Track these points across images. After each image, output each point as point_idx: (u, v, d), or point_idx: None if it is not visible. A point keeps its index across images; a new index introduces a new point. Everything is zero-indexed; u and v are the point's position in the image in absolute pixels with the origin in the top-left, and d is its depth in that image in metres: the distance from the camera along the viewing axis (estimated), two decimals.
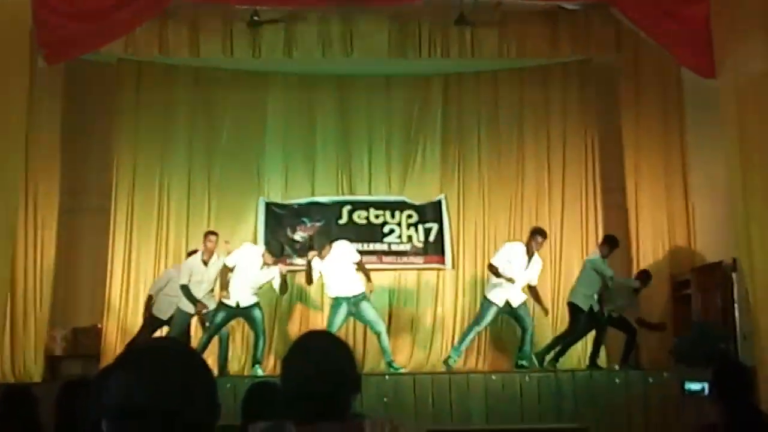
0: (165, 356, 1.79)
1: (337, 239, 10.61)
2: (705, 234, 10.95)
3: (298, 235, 11.79)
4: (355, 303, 10.21)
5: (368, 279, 10.27)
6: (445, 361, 10.58)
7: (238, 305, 10.12)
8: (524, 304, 10.62)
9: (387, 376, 9.72)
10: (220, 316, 10.09)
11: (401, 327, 11.74)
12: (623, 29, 10.65)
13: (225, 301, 10.08)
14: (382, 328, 10.38)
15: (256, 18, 10.41)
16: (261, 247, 10.54)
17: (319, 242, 10.63)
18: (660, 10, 9.46)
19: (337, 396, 2.59)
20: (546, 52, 11.24)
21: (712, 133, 10.05)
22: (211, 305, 10.28)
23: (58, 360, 10.90)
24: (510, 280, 10.26)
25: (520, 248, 10.57)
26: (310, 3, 10.30)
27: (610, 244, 10.68)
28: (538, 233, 10.58)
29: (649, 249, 11.23)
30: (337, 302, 10.25)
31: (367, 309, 10.27)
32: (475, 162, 12.23)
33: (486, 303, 10.58)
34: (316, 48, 10.85)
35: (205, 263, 10.33)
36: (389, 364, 10.27)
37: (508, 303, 10.49)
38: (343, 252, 10.31)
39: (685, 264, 11.01)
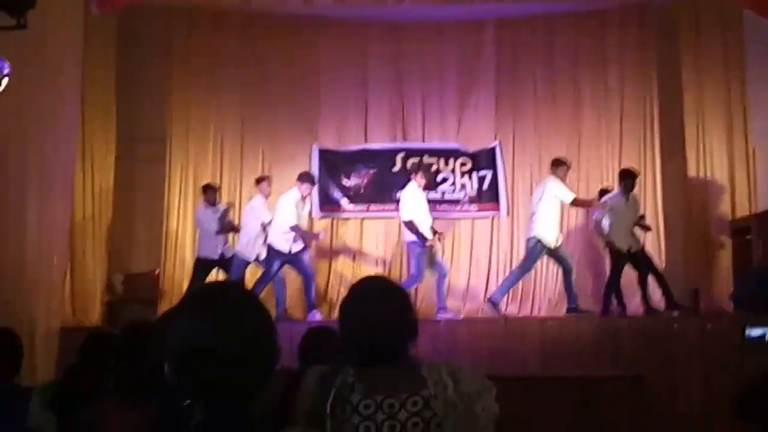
0: (227, 300, 1.80)
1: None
2: (766, 179, 10.73)
3: (352, 182, 11.78)
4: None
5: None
6: (490, 299, 10.47)
7: (290, 251, 10.16)
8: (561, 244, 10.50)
9: (441, 322, 9.71)
10: (275, 262, 10.15)
11: (457, 275, 11.71)
12: None
13: (277, 247, 10.13)
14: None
15: None
16: (293, 191, 10.48)
17: (373, 191, 10.69)
18: None
19: (394, 341, 2.58)
20: None
21: None
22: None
23: (116, 305, 11.07)
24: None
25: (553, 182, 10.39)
26: None
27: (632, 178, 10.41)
28: (560, 163, 10.42)
29: (708, 194, 11.04)
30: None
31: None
32: (530, 108, 12.06)
33: (533, 242, 10.34)
34: None
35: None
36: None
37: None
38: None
39: (747, 209, 10.81)
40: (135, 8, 10.70)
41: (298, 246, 10.19)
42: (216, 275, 10.60)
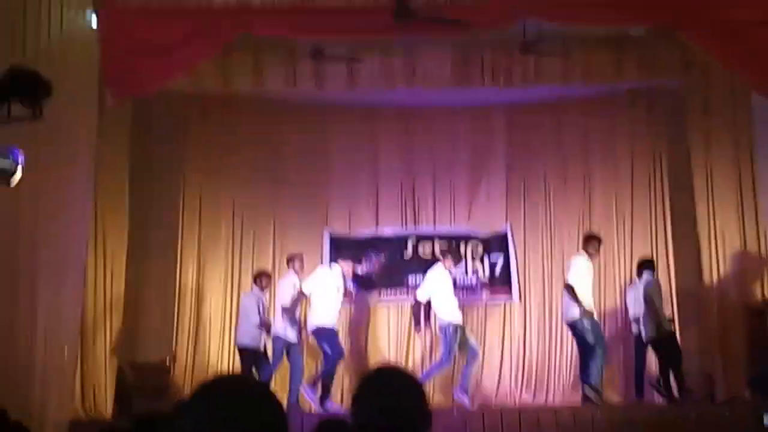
0: (238, 391, 1.79)
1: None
2: None
3: (363, 269, 11.75)
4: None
5: None
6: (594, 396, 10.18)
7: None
8: None
9: (455, 411, 9.59)
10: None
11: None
12: (690, 52, 10.49)
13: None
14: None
15: (318, 48, 10.47)
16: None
17: (384, 276, 10.76)
18: (728, 33, 9.29)
19: (408, 430, 2.53)
20: (611, 78, 11.11)
21: None
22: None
23: (126, 396, 10.95)
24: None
25: (585, 260, 10.43)
26: (373, 34, 10.25)
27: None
28: (593, 239, 10.52)
29: (722, 277, 10.96)
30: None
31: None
32: (541, 192, 12.11)
33: (581, 323, 10.20)
34: (378, 79, 10.87)
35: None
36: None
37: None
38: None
39: (760, 292, 10.73)
40: (149, 97, 10.83)
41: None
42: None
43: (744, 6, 9.26)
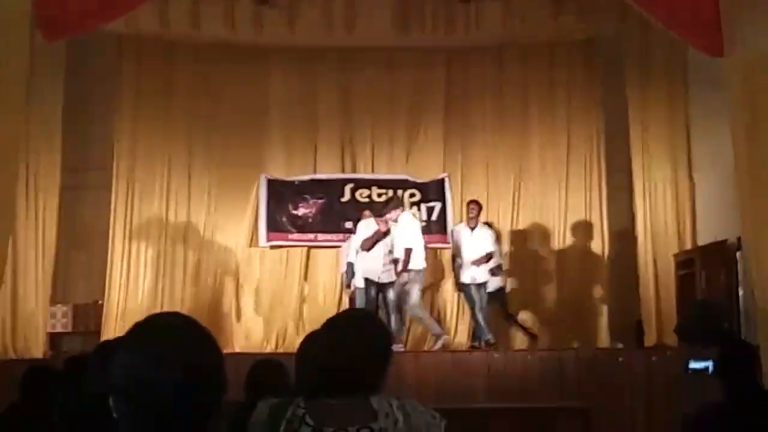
0: (172, 331, 1.77)
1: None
2: (710, 213, 10.88)
3: (300, 211, 11.74)
4: None
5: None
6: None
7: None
8: None
9: None
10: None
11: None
12: (628, 4, 10.54)
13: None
14: None
15: None
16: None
17: (320, 219, 10.73)
18: None
19: (354, 368, 2.55)
20: (550, 29, 11.15)
21: (717, 110, 9.98)
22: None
23: (58, 336, 10.88)
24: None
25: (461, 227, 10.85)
26: None
27: None
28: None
29: (653, 228, 11.17)
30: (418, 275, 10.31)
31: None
32: (479, 140, 12.16)
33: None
34: (318, 23, 10.77)
35: None
36: None
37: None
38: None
39: (690, 244, 10.97)
40: (84, 37, 10.58)
41: None
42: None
43: None
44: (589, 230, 11.73)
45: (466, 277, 10.65)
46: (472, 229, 10.78)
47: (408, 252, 10.06)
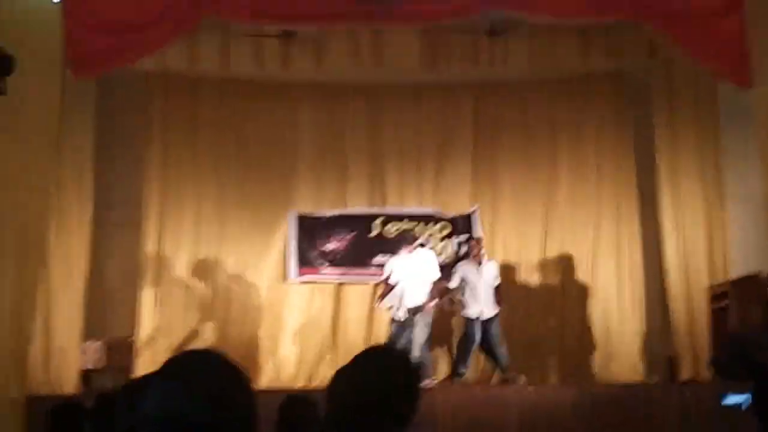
0: (205, 367, 1.77)
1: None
2: (743, 245, 10.79)
3: (330, 246, 11.74)
4: None
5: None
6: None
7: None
8: None
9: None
10: None
11: (435, 340, 11.63)
12: (656, 39, 10.56)
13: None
14: None
15: (286, 30, 10.42)
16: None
17: (351, 255, 10.77)
18: (693, 23, 9.36)
19: (384, 406, 2.52)
20: (577, 64, 11.16)
21: (748, 142, 9.93)
22: None
23: (90, 373, 10.90)
24: None
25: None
26: (339, 22, 10.22)
27: None
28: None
29: (685, 261, 11.07)
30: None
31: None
32: (507, 173, 12.12)
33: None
34: (345, 59, 10.85)
35: None
36: None
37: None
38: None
39: (723, 276, 10.85)
40: (113, 74, 10.71)
41: None
42: None
43: None
44: (621, 263, 11.62)
45: (473, 312, 10.57)
46: (479, 264, 10.75)
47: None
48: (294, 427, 3.82)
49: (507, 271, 11.75)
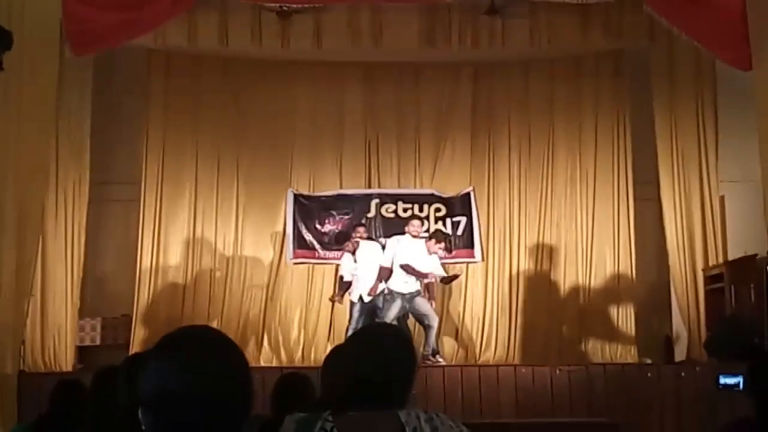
0: (201, 344, 1.78)
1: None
2: (739, 226, 10.81)
3: (326, 228, 11.74)
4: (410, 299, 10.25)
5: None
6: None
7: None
8: None
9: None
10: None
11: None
12: (656, 19, 10.52)
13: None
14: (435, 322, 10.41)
15: (285, 8, 10.38)
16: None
17: (346, 235, 10.78)
18: (693, 5, 9.34)
19: (386, 379, 2.53)
20: (577, 43, 11.13)
21: (746, 123, 9.93)
22: None
23: (87, 349, 10.94)
24: None
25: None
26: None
27: None
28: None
29: (681, 241, 11.09)
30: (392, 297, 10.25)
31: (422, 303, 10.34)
32: (505, 153, 12.09)
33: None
34: (344, 37, 10.81)
35: None
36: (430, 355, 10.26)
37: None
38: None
39: (719, 257, 10.88)
40: (112, 50, 10.68)
41: None
42: None
43: None
44: (617, 243, 11.64)
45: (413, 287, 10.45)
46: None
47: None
48: (289, 403, 3.83)
49: (504, 252, 11.78)
